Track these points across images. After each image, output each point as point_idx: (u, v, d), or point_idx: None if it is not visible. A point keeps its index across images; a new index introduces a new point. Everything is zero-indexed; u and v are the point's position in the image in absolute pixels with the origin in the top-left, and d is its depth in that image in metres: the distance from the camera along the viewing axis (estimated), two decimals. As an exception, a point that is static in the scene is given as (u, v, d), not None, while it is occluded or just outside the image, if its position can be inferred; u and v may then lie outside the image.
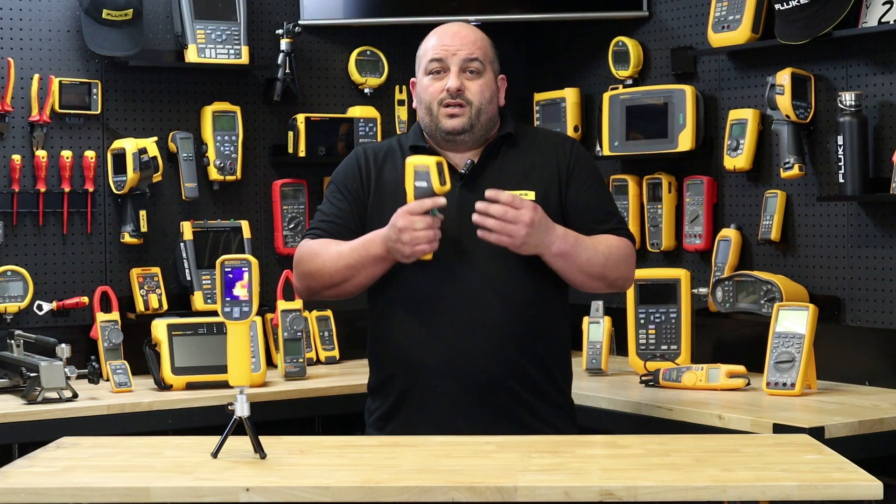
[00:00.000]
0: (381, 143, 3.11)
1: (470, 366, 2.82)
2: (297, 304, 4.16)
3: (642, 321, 3.98)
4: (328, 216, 2.96)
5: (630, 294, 3.95)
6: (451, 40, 2.93)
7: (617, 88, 4.43)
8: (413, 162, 2.79)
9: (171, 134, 4.31)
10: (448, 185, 2.77)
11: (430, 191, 2.75)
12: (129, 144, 4.10)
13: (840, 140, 3.67)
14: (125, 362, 3.84)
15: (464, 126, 2.89)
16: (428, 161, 2.76)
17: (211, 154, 4.33)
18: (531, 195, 2.88)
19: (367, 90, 4.66)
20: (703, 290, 4.06)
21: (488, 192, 2.76)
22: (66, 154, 4.09)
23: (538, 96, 4.71)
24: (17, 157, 4.02)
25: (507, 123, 2.98)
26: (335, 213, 2.96)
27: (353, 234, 2.92)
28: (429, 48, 2.95)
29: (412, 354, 2.86)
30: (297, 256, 2.96)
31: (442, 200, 2.75)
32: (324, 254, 2.90)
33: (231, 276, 2.43)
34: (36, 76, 4.07)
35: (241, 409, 2.39)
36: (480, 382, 2.83)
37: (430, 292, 2.85)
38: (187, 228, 4.27)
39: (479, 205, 2.75)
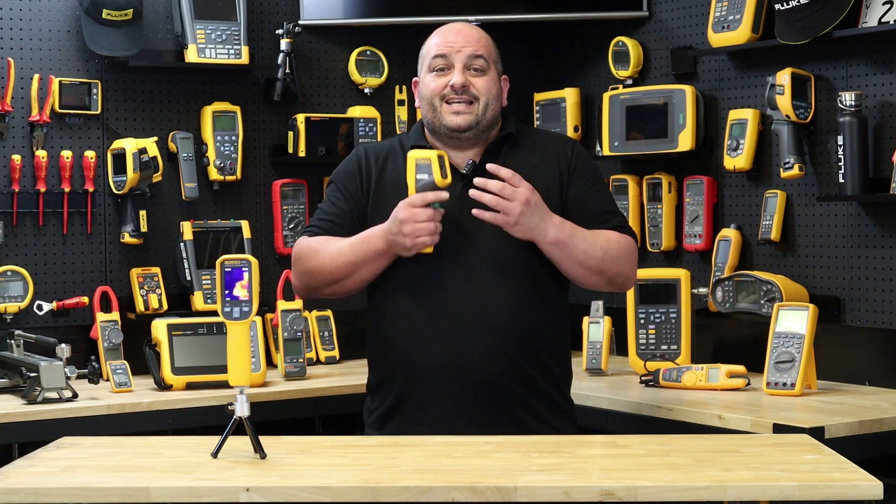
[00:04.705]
0: (381, 142, 3.11)
1: (469, 366, 2.82)
2: (297, 304, 4.16)
3: (642, 321, 3.98)
4: (328, 215, 2.96)
5: (630, 294, 3.95)
6: (455, 38, 2.93)
7: (617, 88, 4.43)
8: (414, 155, 2.81)
9: (171, 134, 4.31)
10: (449, 178, 2.78)
11: (431, 184, 2.77)
12: (129, 144, 4.10)
13: (840, 140, 3.67)
14: (125, 362, 3.84)
15: (469, 123, 2.90)
16: (429, 154, 2.79)
17: (211, 154, 4.33)
18: (533, 196, 2.89)
19: (367, 90, 4.66)
20: (703, 290, 4.06)
21: (489, 167, 2.77)
22: (66, 154, 4.09)
23: (538, 96, 4.71)
24: (17, 157, 4.03)
25: (509, 124, 2.99)
26: (334, 212, 2.96)
27: (351, 234, 2.91)
28: (433, 45, 2.95)
29: (412, 354, 2.86)
30: (296, 254, 2.96)
31: (444, 194, 2.77)
32: (323, 251, 2.89)
33: (231, 276, 2.43)
34: (36, 76, 4.07)
35: (241, 409, 2.39)
36: (480, 382, 2.83)
37: (430, 292, 2.85)
38: (187, 228, 4.27)
39: (477, 180, 2.76)
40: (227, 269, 2.43)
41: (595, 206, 2.94)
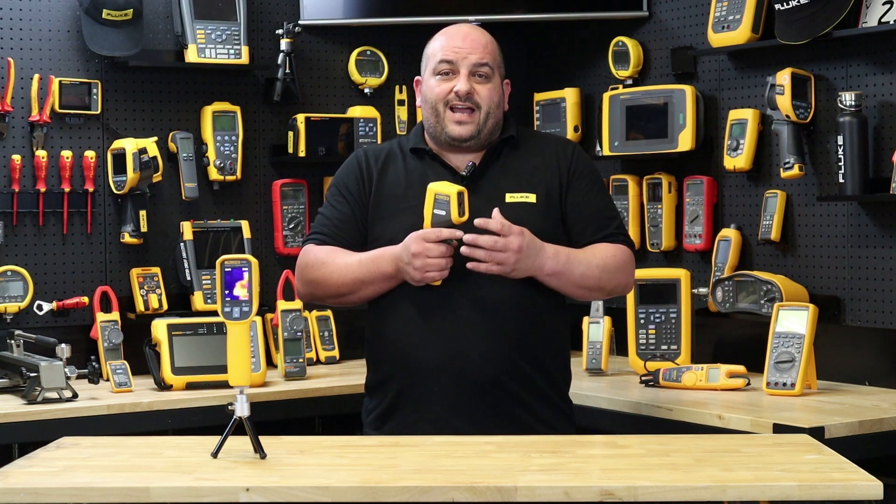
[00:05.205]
0: (381, 145, 3.10)
1: (468, 366, 2.82)
2: (297, 304, 4.16)
3: (642, 321, 3.98)
4: (330, 220, 2.96)
5: (630, 294, 3.94)
6: (462, 42, 2.92)
7: (617, 88, 4.43)
8: (434, 189, 2.78)
9: (171, 134, 4.31)
10: (466, 216, 2.75)
11: (447, 220, 2.75)
12: (129, 144, 4.10)
13: (840, 140, 3.67)
14: (125, 362, 3.84)
15: (471, 133, 2.90)
16: (449, 190, 2.75)
17: (211, 154, 4.33)
18: (532, 198, 2.89)
19: (367, 90, 4.66)
20: (703, 290, 4.06)
21: (477, 222, 2.74)
22: (66, 154, 4.09)
23: (538, 96, 4.71)
24: (17, 157, 4.03)
25: (510, 126, 2.99)
26: (337, 216, 2.96)
27: (355, 238, 2.93)
28: (438, 48, 2.94)
29: (410, 354, 2.86)
30: (303, 263, 2.96)
31: (459, 233, 2.74)
32: (331, 264, 2.89)
33: (231, 276, 2.43)
34: (36, 76, 4.07)
35: (241, 409, 2.39)
36: (478, 382, 2.83)
37: (429, 292, 2.84)
38: (187, 228, 4.27)
39: (467, 237, 2.74)
40: (227, 269, 2.43)
41: (593, 212, 2.94)
